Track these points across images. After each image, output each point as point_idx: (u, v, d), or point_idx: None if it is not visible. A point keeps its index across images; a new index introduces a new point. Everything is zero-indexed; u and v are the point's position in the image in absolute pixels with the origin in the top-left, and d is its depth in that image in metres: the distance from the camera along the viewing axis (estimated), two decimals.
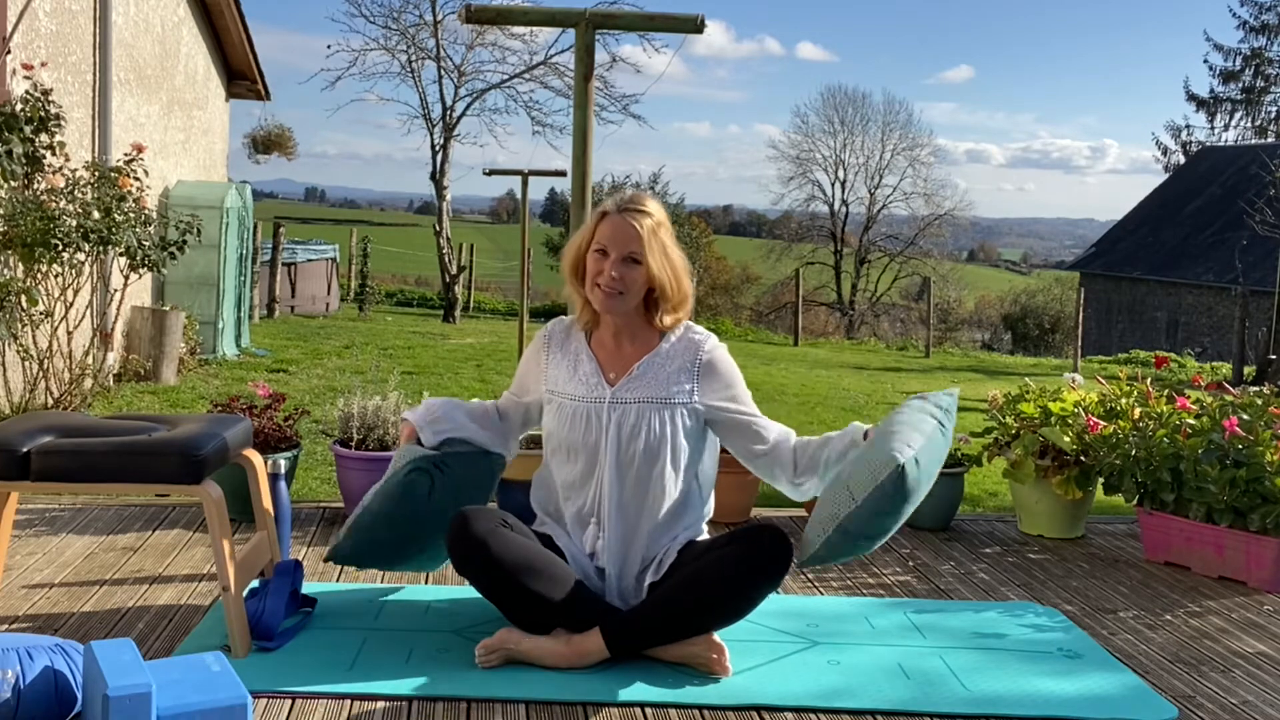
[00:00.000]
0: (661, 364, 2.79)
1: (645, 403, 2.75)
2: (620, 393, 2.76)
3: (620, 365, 2.81)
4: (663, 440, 2.74)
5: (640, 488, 2.75)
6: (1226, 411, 3.72)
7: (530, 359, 2.94)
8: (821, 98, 54.45)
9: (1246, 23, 37.29)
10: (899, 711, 2.49)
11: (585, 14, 3.86)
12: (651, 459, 2.74)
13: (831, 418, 8.49)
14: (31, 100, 5.67)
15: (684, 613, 2.59)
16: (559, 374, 2.84)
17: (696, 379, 2.78)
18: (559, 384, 2.84)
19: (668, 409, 2.75)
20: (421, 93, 18.70)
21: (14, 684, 2.16)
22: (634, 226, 2.70)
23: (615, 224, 2.72)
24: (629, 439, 2.74)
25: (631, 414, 2.74)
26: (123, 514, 3.83)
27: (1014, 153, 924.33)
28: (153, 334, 7.88)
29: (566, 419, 2.79)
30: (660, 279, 2.72)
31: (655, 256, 2.71)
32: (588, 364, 2.82)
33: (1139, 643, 3.01)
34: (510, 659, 2.60)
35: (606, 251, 2.71)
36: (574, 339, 2.88)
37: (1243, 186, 26.74)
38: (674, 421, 2.76)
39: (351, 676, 2.53)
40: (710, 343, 2.82)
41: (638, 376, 2.77)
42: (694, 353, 2.79)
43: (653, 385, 2.77)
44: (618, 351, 2.82)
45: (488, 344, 12.97)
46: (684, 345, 2.81)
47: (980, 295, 40.71)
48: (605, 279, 2.71)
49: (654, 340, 2.82)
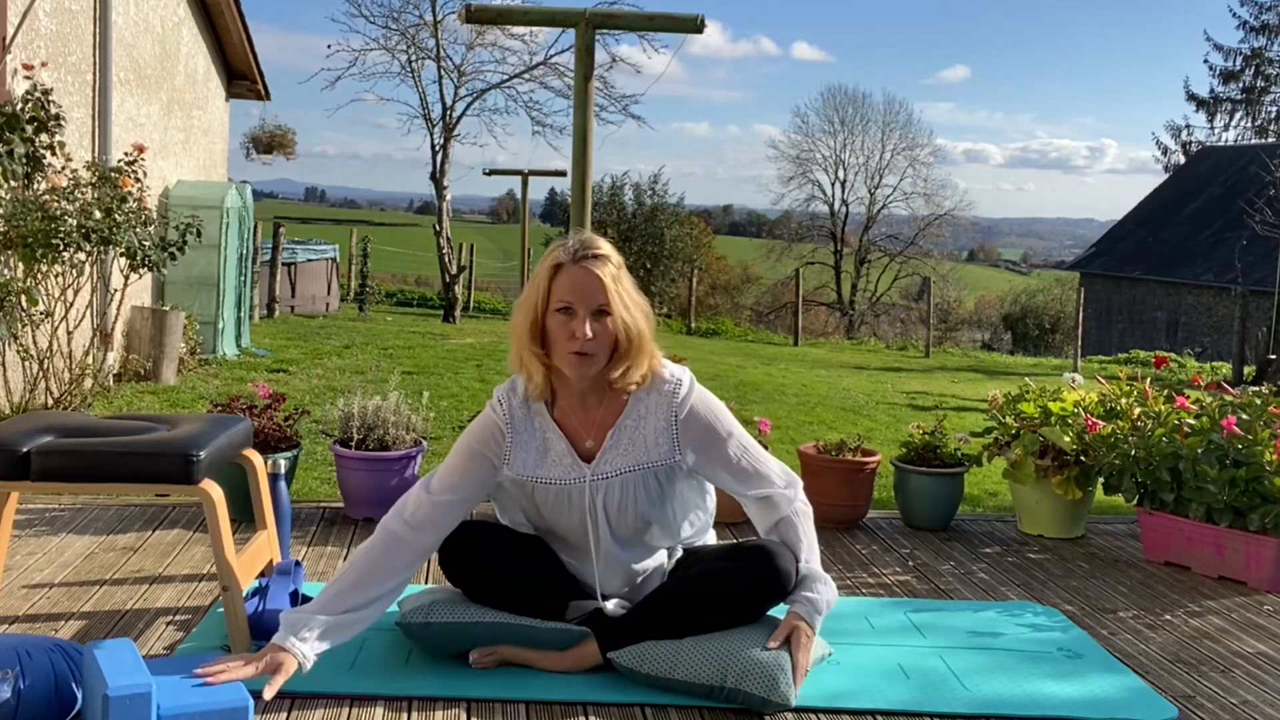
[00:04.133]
0: (635, 426, 2.54)
1: (628, 473, 2.54)
2: (600, 467, 2.54)
3: (591, 432, 2.55)
4: (652, 505, 2.57)
5: (639, 551, 2.65)
6: (1226, 411, 3.72)
7: (481, 445, 2.56)
8: (821, 98, 54.60)
9: (1246, 23, 37.30)
10: (899, 711, 2.49)
11: (585, 14, 3.86)
12: (644, 525, 2.60)
13: (831, 418, 8.50)
14: (32, 100, 5.67)
15: (680, 627, 2.54)
16: (527, 458, 2.56)
17: (676, 437, 2.55)
18: (528, 469, 2.56)
19: (653, 473, 2.55)
20: (421, 93, 18.73)
21: (14, 684, 2.16)
22: (596, 275, 2.42)
23: (575, 276, 2.42)
24: (618, 514, 2.56)
25: (615, 489, 2.54)
26: (123, 514, 3.83)
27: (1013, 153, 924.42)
28: (153, 334, 7.88)
29: (547, 503, 2.58)
30: (626, 327, 2.45)
31: (621, 307, 2.44)
32: (557, 443, 2.55)
33: (1139, 643, 3.01)
34: (506, 661, 2.59)
35: (571, 309, 2.42)
36: (534, 414, 2.57)
37: (1243, 186, 26.73)
38: (662, 484, 2.57)
39: (351, 676, 2.53)
40: (683, 392, 2.55)
41: (613, 446, 2.54)
42: (668, 408, 2.54)
43: (631, 452, 2.54)
44: (586, 418, 2.56)
45: (488, 344, 12.97)
46: (657, 400, 2.55)
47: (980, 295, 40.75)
48: (580, 340, 2.40)
49: (622, 400, 2.55)
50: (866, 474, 4.07)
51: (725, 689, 2.44)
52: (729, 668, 2.44)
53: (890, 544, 3.89)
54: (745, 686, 2.42)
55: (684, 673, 2.46)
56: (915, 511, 4.11)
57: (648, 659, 2.50)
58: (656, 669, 2.49)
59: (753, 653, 2.45)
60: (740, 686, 2.42)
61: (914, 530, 4.09)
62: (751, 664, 2.43)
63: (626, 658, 2.53)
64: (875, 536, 3.98)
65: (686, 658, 2.48)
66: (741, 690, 2.42)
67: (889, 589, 3.40)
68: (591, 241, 2.48)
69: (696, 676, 2.45)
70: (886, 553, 3.79)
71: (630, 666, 2.52)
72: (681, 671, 2.46)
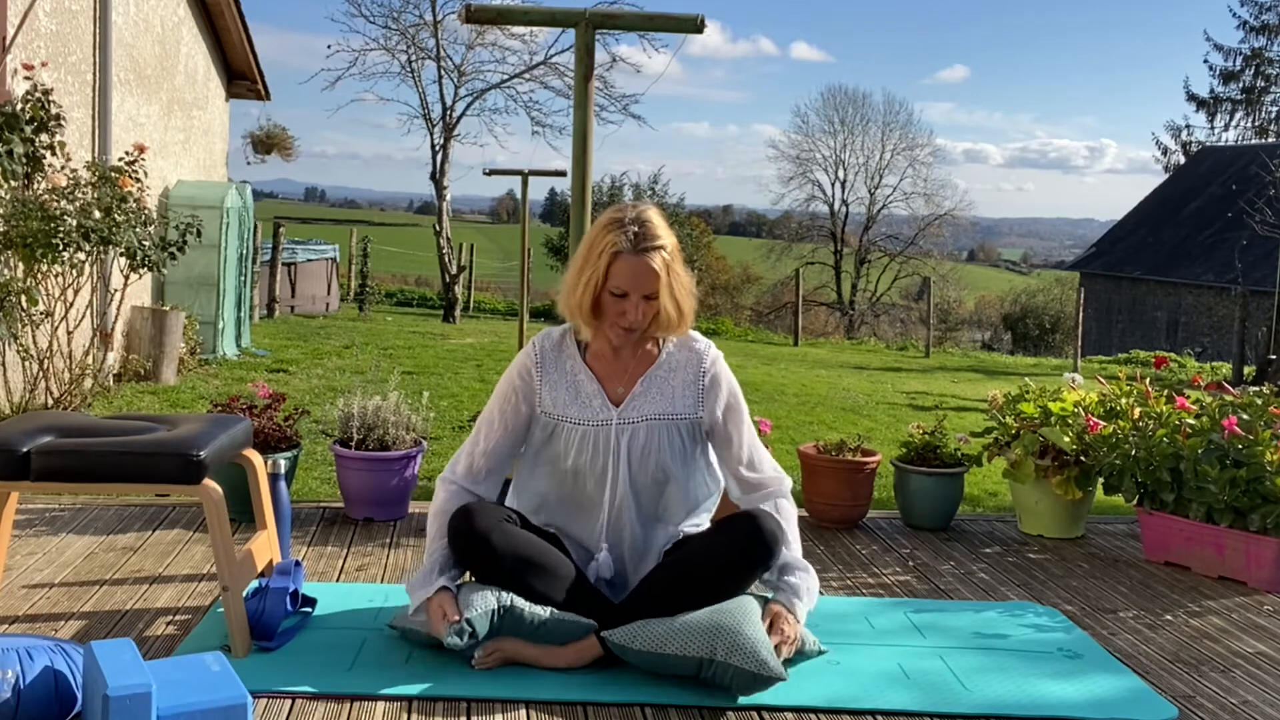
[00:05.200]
0: (665, 377, 2.72)
1: (654, 420, 2.69)
2: (627, 412, 2.69)
3: (621, 379, 2.72)
4: (674, 456, 2.70)
5: (653, 507, 2.73)
6: (1226, 411, 3.72)
7: (517, 386, 2.75)
8: (822, 98, 54.62)
9: (1246, 23, 37.30)
10: (899, 712, 2.49)
11: (585, 14, 3.86)
12: (665, 478, 2.70)
13: (831, 418, 8.50)
14: (32, 100, 5.67)
15: (674, 602, 2.58)
16: (557, 396, 2.72)
17: (701, 394, 2.73)
18: (558, 407, 2.71)
19: (676, 424, 2.70)
20: (421, 93, 18.74)
21: (14, 684, 2.16)
22: (652, 268, 2.59)
23: (633, 266, 2.59)
24: (640, 460, 2.69)
25: (641, 433, 2.68)
26: (123, 514, 3.83)
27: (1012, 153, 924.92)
28: (153, 334, 7.88)
29: (573, 445, 2.69)
30: (671, 311, 2.64)
31: (667, 293, 2.63)
32: (588, 384, 2.71)
33: (1139, 643, 3.01)
34: (508, 660, 2.60)
35: (626, 294, 2.61)
36: (566, 354, 2.75)
37: (1243, 186, 26.71)
38: (683, 436, 2.71)
39: (351, 676, 2.53)
40: (711, 355, 2.76)
41: (642, 393, 2.70)
42: (698, 365, 2.74)
43: (659, 401, 2.69)
44: (617, 364, 2.73)
45: (488, 344, 12.97)
46: (686, 356, 2.74)
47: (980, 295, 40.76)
48: (630, 320, 2.62)
49: (654, 351, 2.75)
50: (866, 474, 4.07)
51: (715, 662, 2.45)
52: (718, 642, 2.45)
53: (890, 544, 3.89)
54: (734, 661, 2.43)
55: (674, 647, 2.48)
56: (915, 511, 4.11)
57: (639, 636, 2.52)
58: (647, 645, 2.50)
59: (743, 629, 2.47)
60: (729, 660, 2.43)
61: (914, 530, 4.09)
62: (741, 639, 2.45)
63: (619, 635, 2.55)
64: (875, 536, 3.98)
65: (677, 633, 2.49)
66: (731, 665, 2.43)
67: (889, 589, 3.40)
68: (649, 230, 2.61)
69: (686, 650, 2.46)
70: (886, 553, 3.79)
71: (622, 644, 2.53)
72: (672, 646, 2.48)
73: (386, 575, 3.31)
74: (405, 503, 3.93)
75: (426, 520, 2.80)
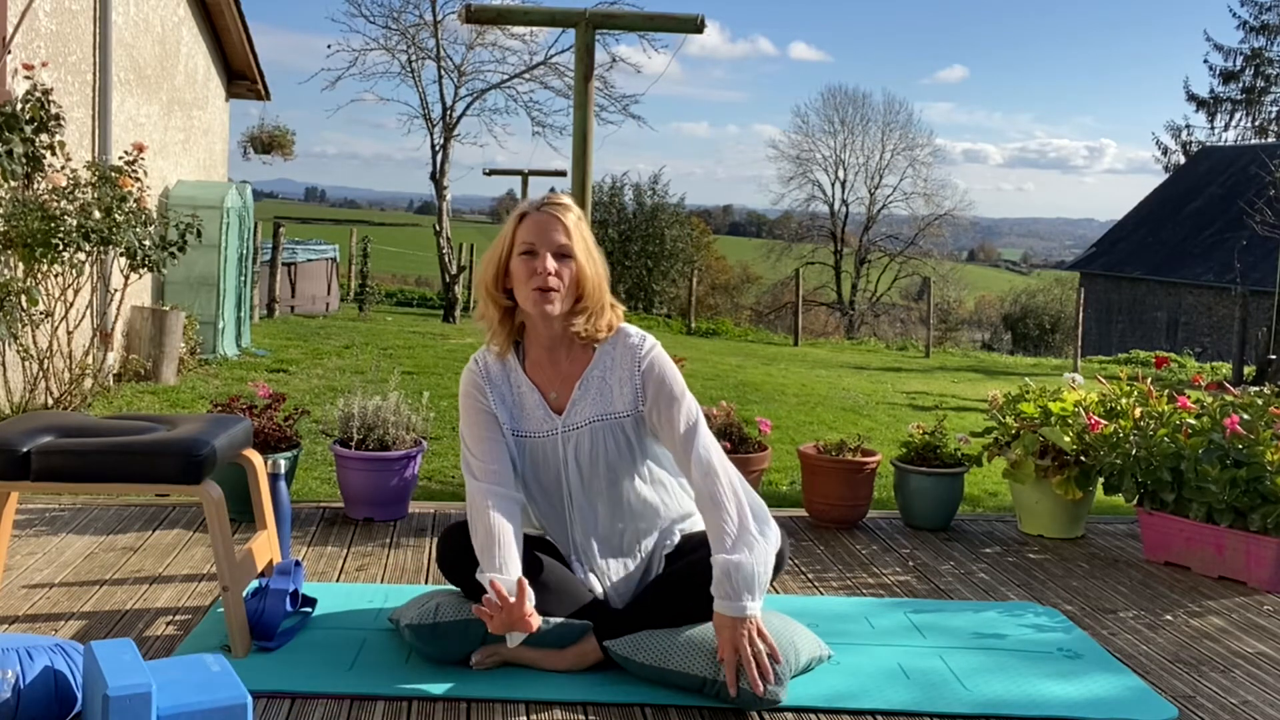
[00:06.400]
0: (601, 376, 2.65)
1: (596, 422, 2.63)
2: (570, 418, 2.64)
3: (560, 384, 2.67)
4: (621, 456, 2.65)
5: (613, 508, 2.68)
6: (1227, 411, 3.72)
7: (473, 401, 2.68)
8: (822, 98, 54.69)
9: (1246, 23, 37.30)
10: (899, 712, 2.49)
11: (585, 14, 3.86)
12: (615, 478, 2.66)
13: (831, 418, 8.50)
14: (32, 100, 5.67)
15: (676, 615, 2.56)
16: (505, 412, 2.68)
17: (639, 388, 2.63)
18: (506, 423, 2.68)
19: (619, 422, 2.64)
20: (421, 93, 18.73)
21: (14, 684, 2.16)
22: (559, 220, 2.56)
23: (539, 221, 2.57)
24: (589, 466, 2.64)
25: (585, 438, 2.64)
26: (123, 514, 3.83)
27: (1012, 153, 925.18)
28: (153, 334, 7.88)
29: (525, 459, 2.68)
30: (588, 274, 2.57)
31: (583, 251, 2.57)
32: (530, 394, 2.67)
33: (1139, 643, 3.01)
34: (508, 661, 2.59)
35: (534, 250, 2.55)
36: (507, 369, 2.70)
37: (1243, 186, 26.74)
38: (628, 433, 2.65)
39: (351, 676, 2.53)
40: (647, 345, 2.66)
41: (581, 397, 2.64)
42: (633, 357, 2.64)
43: (598, 402, 2.64)
44: (555, 370, 2.68)
45: None
46: (622, 352, 2.65)
47: (980, 295, 40.78)
48: (540, 277, 2.52)
49: (589, 353, 2.67)
50: (866, 474, 4.07)
51: (718, 682, 2.44)
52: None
53: (890, 544, 3.89)
54: (741, 684, 2.41)
55: (677, 663, 2.47)
56: (915, 511, 4.10)
57: (643, 648, 2.52)
58: (651, 659, 2.50)
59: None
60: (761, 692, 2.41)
61: (914, 530, 4.08)
62: None
63: (622, 647, 2.54)
64: (875, 536, 3.98)
65: (681, 649, 2.49)
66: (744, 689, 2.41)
67: (889, 589, 3.40)
68: (556, 197, 2.64)
69: (689, 668, 2.46)
70: (886, 553, 3.79)
71: (625, 655, 2.53)
72: (675, 662, 2.47)
73: (386, 575, 3.31)
74: (405, 503, 3.93)
75: None
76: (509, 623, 2.36)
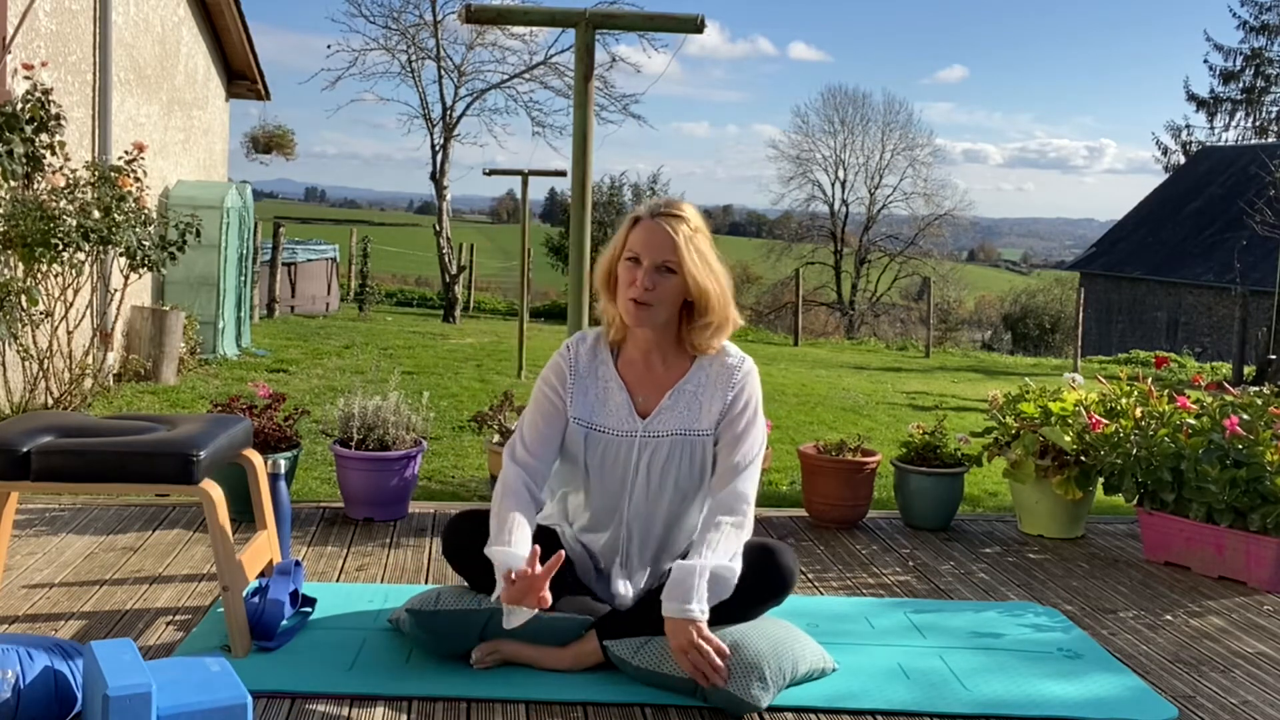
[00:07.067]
0: (694, 392, 2.61)
1: (677, 435, 2.60)
2: (652, 425, 2.61)
3: (651, 389, 2.63)
4: (691, 475, 2.62)
5: (668, 522, 2.66)
6: (1227, 411, 3.72)
7: (550, 386, 2.66)
8: (822, 98, 54.62)
9: (1246, 23, 37.30)
10: (899, 712, 2.49)
11: (585, 14, 3.86)
12: (681, 494, 2.63)
13: (831, 418, 8.50)
14: (32, 100, 5.67)
15: None
16: (586, 402, 2.64)
17: (726, 407, 2.60)
18: (586, 413, 2.63)
19: (701, 440, 2.60)
20: (421, 93, 18.73)
21: (14, 684, 2.16)
22: (668, 232, 2.50)
23: (648, 229, 2.51)
24: (660, 476, 2.60)
25: (664, 448, 2.60)
26: (123, 514, 3.83)
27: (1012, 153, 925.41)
28: (153, 334, 7.88)
29: (596, 452, 2.62)
30: (702, 288, 2.51)
31: (692, 265, 2.50)
32: (618, 393, 2.63)
33: (1139, 643, 3.01)
34: (507, 660, 2.59)
35: (639, 259, 2.51)
36: (599, 361, 2.67)
37: (1243, 186, 26.73)
38: (704, 453, 2.61)
39: (351, 676, 2.53)
40: (744, 368, 2.63)
41: (669, 407, 2.61)
42: (728, 379, 2.61)
43: (684, 416, 2.60)
44: (648, 374, 2.64)
45: (488, 344, 12.96)
46: (719, 370, 2.62)
47: (980, 295, 40.75)
48: (636, 289, 2.50)
49: (686, 364, 2.64)
50: (866, 474, 4.07)
51: (707, 689, 2.44)
52: None
53: (890, 544, 3.89)
54: (730, 688, 2.42)
55: (672, 668, 2.47)
56: (915, 511, 4.10)
57: (641, 652, 2.52)
58: (647, 662, 2.50)
59: (741, 655, 2.45)
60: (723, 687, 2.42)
61: (914, 530, 4.08)
62: (738, 668, 2.43)
63: (621, 648, 2.55)
64: (875, 536, 3.98)
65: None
66: (723, 691, 2.42)
67: (889, 589, 3.40)
68: (673, 202, 2.59)
69: (682, 672, 2.46)
70: (886, 553, 3.78)
71: (623, 657, 2.53)
72: (669, 667, 2.47)
73: (386, 575, 3.31)
74: (405, 503, 3.93)
75: None
76: (524, 592, 2.33)
